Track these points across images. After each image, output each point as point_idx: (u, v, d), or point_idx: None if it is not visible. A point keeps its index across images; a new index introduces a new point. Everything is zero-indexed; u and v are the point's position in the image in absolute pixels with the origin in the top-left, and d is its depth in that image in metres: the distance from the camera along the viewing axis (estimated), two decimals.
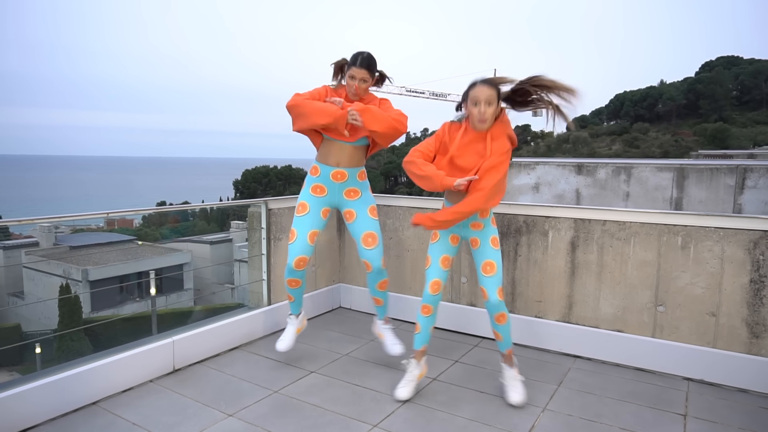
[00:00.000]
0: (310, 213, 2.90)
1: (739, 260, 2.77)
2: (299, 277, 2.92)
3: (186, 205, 22.60)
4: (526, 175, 8.19)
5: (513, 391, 2.61)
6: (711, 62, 69.51)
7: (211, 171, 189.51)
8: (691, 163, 7.82)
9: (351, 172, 2.90)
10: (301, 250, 2.86)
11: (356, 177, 2.92)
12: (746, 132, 50.07)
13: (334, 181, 2.89)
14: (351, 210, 2.93)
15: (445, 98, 61.66)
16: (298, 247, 2.86)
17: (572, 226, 3.19)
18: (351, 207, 2.93)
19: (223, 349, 3.24)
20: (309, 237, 2.88)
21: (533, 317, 3.33)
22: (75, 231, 28.16)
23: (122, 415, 2.47)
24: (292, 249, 2.87)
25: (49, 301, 18.79)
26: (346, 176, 2.89)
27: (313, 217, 2.90)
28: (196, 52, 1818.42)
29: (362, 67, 2.74)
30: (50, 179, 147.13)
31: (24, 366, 15.70)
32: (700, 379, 2.88)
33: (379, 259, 2.90)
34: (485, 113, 2.40)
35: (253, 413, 2.50)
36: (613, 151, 51.71)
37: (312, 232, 2.89)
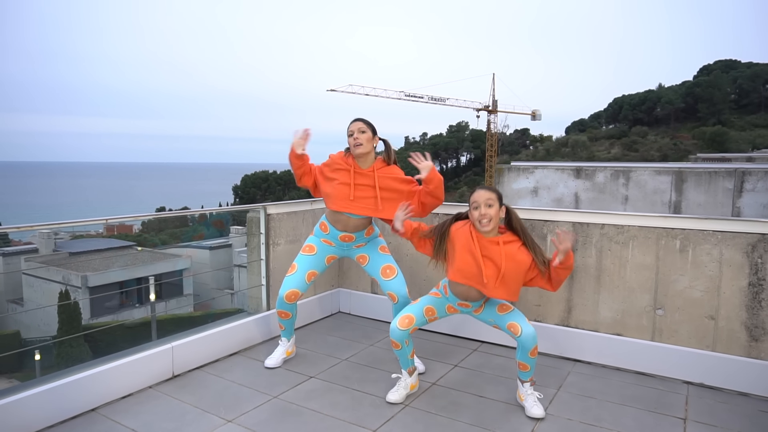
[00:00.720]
0: (316, 255, 3.01)
1: (737, 263, 2.77)
2: (289, 309, 3.03)
3: (185, 210, 22.58)
4: (524, 179, 8.20)
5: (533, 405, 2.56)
6: (709, 66, 69.67)
7: (211, 176, 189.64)
8: (690, 166, 7.83)
9: (358, 235, 2.99)
10: (296, 285, 2.96)
11: (363, 235, 3.02)
12: (745, 135, 50.14)
13: (342, 242, 3.00)
14: (363, 255, 3.04)
15: (444, 102, 61.80)
16: (294, 280, 2.97)
17: (571, 230, 3.19)
18: (362, 252, 3.04)
19: (222, 354, 3.23)
20: (307, 276, 2.99)
21: (532, 321, 3.33)
22: (74, 237, 28.15)
23: (121, 422, 2.46)
24: (287, 281, 2.98)
25: (49, 307, 18.75)
26: (354, 238, 2.99)
27: (317, 260, 3.02)
28: (195, 58, 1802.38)
29: (356, 120, 2.85)
30: (50, 186, 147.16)
31: (23, 373, 15.66)
32: (700, 383, 2.87)
33: (403, 287, 2.95)
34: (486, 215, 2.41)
35: (253, 419, 2.50)
36: (611, 155, 51.76)
37: (311, 272, 3.00)
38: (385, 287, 2.97)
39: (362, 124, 2.84)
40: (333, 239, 3.00)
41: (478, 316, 2.64)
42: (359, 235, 2.99)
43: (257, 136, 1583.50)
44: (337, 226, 2.94)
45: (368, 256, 3.02)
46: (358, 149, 2.80)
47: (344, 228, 2.94)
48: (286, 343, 3.17)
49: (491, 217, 2.41)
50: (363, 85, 60.43)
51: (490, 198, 2.43)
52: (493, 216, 2.42)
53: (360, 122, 2.85)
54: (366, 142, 2.81)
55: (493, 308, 2.58)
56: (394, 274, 2.96)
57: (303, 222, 3.79)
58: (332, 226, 2.96)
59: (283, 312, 3.04)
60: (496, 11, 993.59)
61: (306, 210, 3.82)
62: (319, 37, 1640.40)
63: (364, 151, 2.81)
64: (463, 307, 2.62)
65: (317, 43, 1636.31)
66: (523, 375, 2.60)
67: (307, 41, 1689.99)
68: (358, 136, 2.81)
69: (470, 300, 2.57)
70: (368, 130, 2.84)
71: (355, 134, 2.82)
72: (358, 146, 2.80)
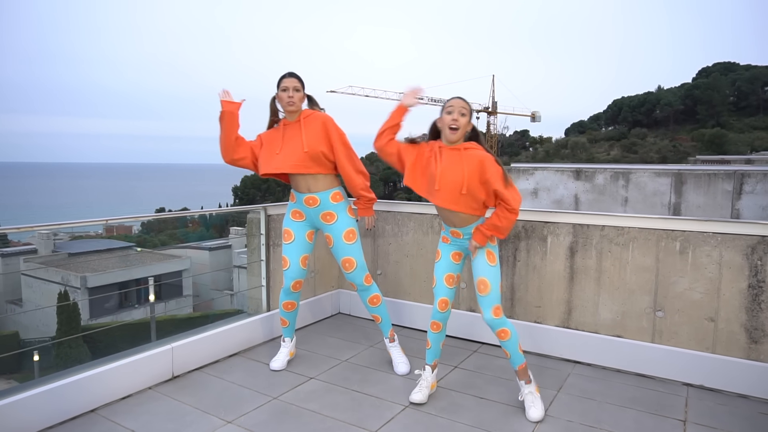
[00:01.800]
0: (296, 240, 2.99)
1: (737, 265, 2.77)
2: (295, 299, 3.06)
3: (185, 211, 22.59)
4: (524, 181, 8.21)
5: (531, 407, 2.54)
6: (708, 68, 69.79)
7: (210, 177, 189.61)
8: (689, 168, 7.84)
9: (323, 196, 2.92)
10: (296, 275, 3.00)
11: (329, 199, 2.94)
12: (744, 137, 50.22)
13: (308, 206, 2.94)
14: (329, 235, 3.00)
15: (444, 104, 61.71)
16: (292, 273, 2.99)
17: (571, 232, 3.20)
18: (328, 232, 2.99)
19: (222, 355, 3.23)
20: (301, 262, 3.00)
21: (532, 323, 3.33)
22: (74, 238, 28.14)
23: (121, 423, 2.46)
24: (286, 275, 3.01)
25: (48, 308, 18.72)
26: (318, 201, 2.93)
27: (299, 243, 3.00)
28: (194, 59, 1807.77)
29: (291, 76, 2.83)
30: (50, 186, 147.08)
31: (22, 374, 15.64)
32: (700, 385, 2.87)
33: (360, 277, 3.00)
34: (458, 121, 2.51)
35: (253, 420, 2.50)
36: (611, 157, 51.83)
37: (303, 257, 3.01)
38: (345, 276, 3.03)
39: (297, 81, 2.83)
40: (300, 206, 2.96)
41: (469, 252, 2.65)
42: (324, 197, 2.92)
43: None
44: (300, 188, 2.92)
45: (333, 239, 2.96)
46: (291, 107, 2.83)
47: (307, 188, 2.90)
48: (289, 343, 3.17)
49: (461, 125, 2.49)
50: (363, 87, 60.50)
51: (464, 107, 2.51)
52: (462, 125, 2.50)
53: (295, 79, 2.83)
54: (298, 101, 2.84)
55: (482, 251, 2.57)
56: (353, 267, 2.97)
57: None
58: (295, 191, 2.96)
59: (290, 302, 3.06)
60: (495, 13, 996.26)
61: None
62: (318, 39, 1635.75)
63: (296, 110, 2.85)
64: (456, 237, 2.63)
65: (316, 44, 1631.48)
66: (511, 362, 2.61)
67: (306, 43, 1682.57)
68: (293, 95, 2.81)
69: (456, 226, 2.59)
70: (302, 89, 2.85)
71: (290, 92, 2.81)
72: (291, 105, 2.82)
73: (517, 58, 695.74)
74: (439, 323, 2.70)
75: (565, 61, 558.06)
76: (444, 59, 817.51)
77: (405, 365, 3.05)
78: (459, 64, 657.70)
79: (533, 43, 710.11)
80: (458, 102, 2.51)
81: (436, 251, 2.74)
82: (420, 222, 3.74)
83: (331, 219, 2.94)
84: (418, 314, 3.75)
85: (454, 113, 2.48)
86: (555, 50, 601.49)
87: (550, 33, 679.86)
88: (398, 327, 3.77)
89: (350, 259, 2.96)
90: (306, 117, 2.87)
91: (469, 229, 2.57)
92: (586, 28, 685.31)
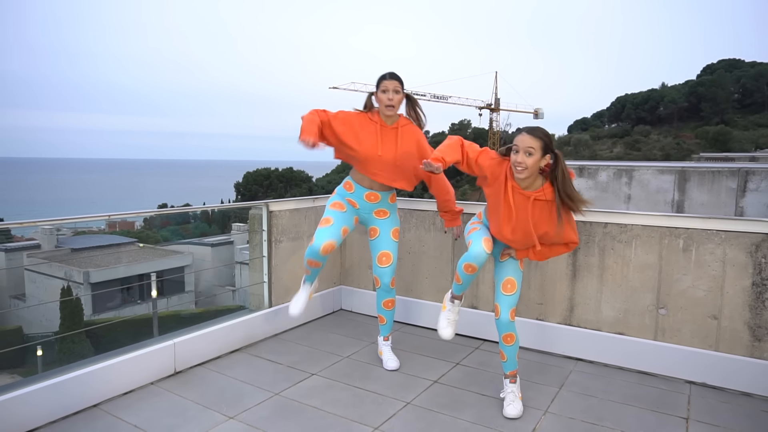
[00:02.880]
0: (346, 213, 2.94)
1: (741, 263, 2.76)
2: (322, 260, 2.88)
3: (187, 207, 22.63)
4: None
5: (510, 404, 2.54)
6: (712, 65, 69.42)
7: (213, 173, 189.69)
8: (693, 165, 7.81)
9: (384, 195, 2.97)
10: (333, 236, 2.80)
11: (388, 199, 3.00)
12: (748, 135, 49.97)
13: (367, 201, 2.96)
14: (376, 228, 3.01)
15: (446, 100, 61.69)
16: (331, 232, 2.81)
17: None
18: (377, 225, 3.01)
19: (224, 351, 3.23)
20: (342, 230, 2.89)
21: (535, 320, 3.33)
22: (76, 233, 28.20)
23: (123, 418, 2.46)
24: (324, 232, 2.80)
25: (51, 303, 18.79)
26: (379, 198, 2.96)
27: (348, 217, 2.95)
28: (198, 55, 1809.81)
29: (393, 78, 2.78)
30: (52, 182, 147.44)
31: (25, 368, 15.71)
32: (702, 383, 2.87)
33: (389, 276, 3.00)
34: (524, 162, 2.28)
35: (254, 416, 2.50)
36: (614, 154, 51.65)
37: (345, 228, 2.91)
38: (375, 271, 3.03)
39: (397, 83, 2.78)
40: (358, 199, 2.95)
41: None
42: (384, 197, 2.97)
43: (260, 133, 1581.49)
44: (364, 184, 2.92)
45: (380, 231, 2.99)
46: (390, 111, 2.79)
47: (371, 185, 2.92)
48: (309, 286, 3.07)
49: (527, 166, 2.25)
50: (365, 83, 60.42)
51: (531, 147, 2.24)
52: (529, 165, 2.25)
53: (396, 81, 2.78)
54: (398, 104, 2.80)
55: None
56: (389, 262, 2.99)
57: (305, 219, 3.78)
58: (358, 184, 2.94)
59: (315, 261, 2.87)
60: (496, 8, 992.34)
61: (308, 207, 3.82)
62: (323, 35, 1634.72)
63: (394, 114, 2.82)
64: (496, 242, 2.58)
65: (321, 40, 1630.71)
66: (504, 365, 2.60)
67: (310, 39, 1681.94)
68: (393, 97, 2.77)
69: None
70: (401, 91, 2.81)
71: (390, 93, 2.76)
72: (390, 108, 2.78)
73: (520, 54, 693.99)
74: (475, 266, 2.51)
75: (569, 58, 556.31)
76: (445, 56, 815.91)
77: (395, 362, 3.07)
78: (460, 60, 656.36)
79: (536, 39, 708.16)
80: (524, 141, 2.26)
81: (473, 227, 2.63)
82: (422, 219, 3.73)
83: (384, 215, 3.01)
84: (420, 311, 3.75)
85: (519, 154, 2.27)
86: (558, 47, 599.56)
87: (554, 30, 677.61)
88: (400, 324, 3.77)
89: (389, 253, 2.99)
90: (403, 127, 2.85)
91: None
92: (589, 24, 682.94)
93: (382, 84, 2.78)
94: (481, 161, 2.44)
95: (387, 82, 2.77)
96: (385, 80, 2.77)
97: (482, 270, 3.48)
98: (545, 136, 2.28)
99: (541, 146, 2.26)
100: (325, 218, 2.88)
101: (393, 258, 3.00)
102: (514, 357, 2.59)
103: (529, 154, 2.25)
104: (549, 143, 2.28)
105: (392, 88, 2.76)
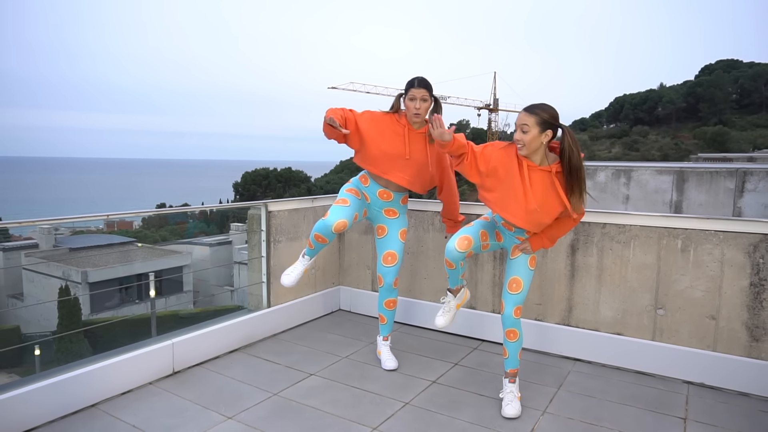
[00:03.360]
0: (361, 200, 2.95)
1: (738, 263, 2.77)
2: (330, 238, 2.82)
3: (185, 207, 22.59)
4: None
5: (508, 404, 2.55)
6: (710, 65, 69.48)
7: (212, 173, 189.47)
8: (691, 166, 7.83)
9: (397, 195, 2.98)
10: (347, 216, 2.79)
11: (400, 200, 3.01)
12: (746, 135, 50.03)
13: (379, 198, 2.97)
14: (384, 226, 3.02)
15: (445, 101, 61.69)
16: (346, 211, 2.80)
17: (572, 229, 3.19)
18: (385, 224, 3.02)
19: (222, 351, 3.23)
20: (355, 215, 2.88)
21: (533, 320, 3.33)
22: (75, 233, 28.15)
23: (121, 418, 2.46)
24: (338, 210, 2.79)
25: (49, 303, 18.76)
26: (392, 197, 2.97)
27: (361, 205, 2.95)
28: (198, 55, 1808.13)
29: (421, 87, 2.76)
30: (51, 181, 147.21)
31: (23, 368, 15.68)
32: (700, 383, 2.87)
33: (392, 276, 3.01)
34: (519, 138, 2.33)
35: (253, 416, 2.50)
36: (612, 154, 51.69)
37: (357, 214, 2.91)
38: (379, 269, 3.03)
39: (426, 92, 2.76)
40: (371, 194, 2.96)
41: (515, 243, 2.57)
42: (397, 197, 2.97)
43: (259, 133, 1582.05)
44: (379, 182, 2.93)
45: (387, 230, 3.00)
46: (416, 119, 2.79)
47: (386, 184, 2.92)
48: (308, 261, 2.99)
49: (525, 143, 2.29)
50: (364, 83, 60.40)
51: (525, 123, 2.29)
52: (526, 142, 2.29)
53: (424, 89, 2.75)
54: (425, 112, 2.79)
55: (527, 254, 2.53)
56: (394, 262, 3.00)
57: (304, 219, 3.78)
58: (374, 181, 2.95)
59: (323, 237, 2.81)
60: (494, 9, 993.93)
61: (307, 207, 3.82)
62: (324, 35, 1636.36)
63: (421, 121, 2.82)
64: (507, 229, 2.56)
65: (321, 40, 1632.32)
66: (506, 362, 2.60)
67: (311, 38, 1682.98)
68: (420, 106, 2.75)
69: None
70: (429, 99, 2.79)
71: (417, 102, 2.75)
72: (417, 117, 2.78)
73: (515, 54, 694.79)
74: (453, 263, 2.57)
75: (567, 58, 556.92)
76: (442, 56, 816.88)
77: (393, 362, 3.07)
78: (458, 60, 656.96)
79: (531, 39, 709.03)
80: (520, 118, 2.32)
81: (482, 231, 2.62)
82: (421, 219, 3.74)
83: (392, 215, 3.02)
84: (419, 311, 3.75)
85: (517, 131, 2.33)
86: (556, 47, 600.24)
87: (549, 29, 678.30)
88: (399, 324, 3.77)
89: (395, 253, 2.99)
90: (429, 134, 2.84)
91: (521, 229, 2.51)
92: (587, 24, 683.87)
93: (410, 92, 2.76)
94: (488, 152, 2.44)
95: (415, 90, 2.75)
96: (413, 88, 2.76)
97: (480, 271, 3.49)
98: (543, 111, 2.30)
99: (537, 122, 2.27)
100: (342, 199, 2.88)
101: (398, 258, 3.01)
102: (515, 355, 2.59)
103: (524, 131, 2.29)
104: (548, 118, 2.29)
105: (420, 96, 2.75)
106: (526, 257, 2.55)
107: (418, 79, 2.78)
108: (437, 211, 3.58)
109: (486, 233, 2.60)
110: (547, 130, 2.29)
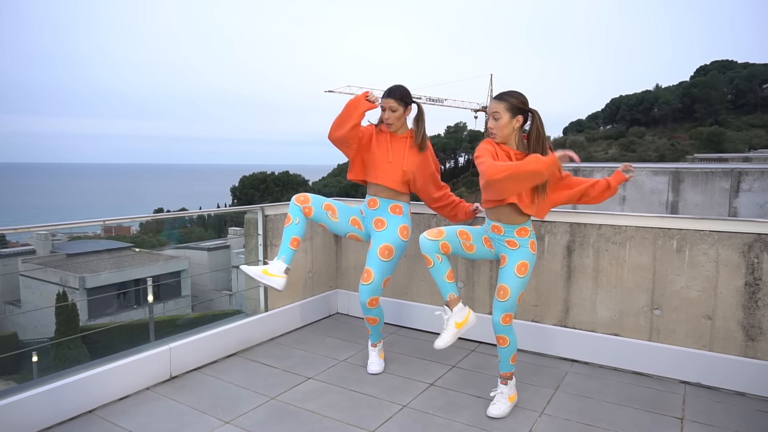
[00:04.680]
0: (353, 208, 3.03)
1: (734, 263, 2.78)
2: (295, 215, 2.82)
3: (183, 211, 22.57)
4: None
5: (494, 404, 2.55)
6: (706, 66, 69.78)
7: (209, 177, 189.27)
8: (687, 166, 7.86)
9: (383, 202, 2.96)
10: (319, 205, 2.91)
11: (388, 208, 2.96)
12: (741, 135, 50.23)
13: (369, 207, 2.99)
14: (372, 241, 2.97)
15: (442, 103, 61.81)
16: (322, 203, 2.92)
17: (568, 231, 3.20)
18: (372, 236, 2.98)
19: (220, 355, 3.23)
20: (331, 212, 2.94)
21: (530, 321, 3.34)
22: (72, 239, 28.08)
23: (119, 423, 2.46)
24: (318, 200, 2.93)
25: (46, 309, 18.69)
26: (378, 204, 2.96)
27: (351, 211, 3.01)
28: (195, 60, 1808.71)
29: (389, 97, 2.84)
30: (50, 187, 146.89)
31: (20, 374, 15.60)
32: (697, 383, 2.88)
33: (365, 295, 2.85)
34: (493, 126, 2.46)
35: (251, 420, 2.50)
36: (609, 155, 51.84)
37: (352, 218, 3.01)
38: (370, 261, 2.86)
39: (394, 102, 2.83)
40: (364, 206, 3.02)
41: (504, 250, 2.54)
42: (384, 204, 2.95)
43: (256, 137, 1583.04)
44: (369, 191, 2.99)
45: (371, 246, 2.92)
46: (389, 128, 2.90)
47: (375, 192, 2.96)
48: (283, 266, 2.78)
49: (497, 129, 2.41)
50: (360, 87, 60.43)
51: (495, 111, 2.41)
52: (499, 128, 2.40)
53: (392, 99, 2.83)
54: (395, 120, 2.86)
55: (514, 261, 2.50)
56: (369, 280, 2.83)
57: None
58: (367, 193, 3.02)
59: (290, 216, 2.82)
60: (491, 11, 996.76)
61: None
62: (318, 39, 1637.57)
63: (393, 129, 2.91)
64: (497, 232, 2.53)
65: (316, 44, 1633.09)
66: (500, 365, 2.60)
67: (306, 42, 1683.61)
68: (389, 116, 2.85)
69: (502, 222, 2.50)
70: (399, 108, 2.85)
71: (386, 113, 2.85)
72: (389, 126, 2.88)
73: (513, 56, 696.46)
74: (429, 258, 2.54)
75: (563, 59, 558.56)
76: (440, 58, 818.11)
77: (379, 366, 3.06)
78: (455, 63, 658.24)
79: (527, 42, 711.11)
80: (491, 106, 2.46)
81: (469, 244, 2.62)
82: (417, 222, 3.74)
83: (381, 226, 2.93)
84: (415, 314, 3.75)
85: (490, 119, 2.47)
86: (552, 49, 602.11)
87: (547, 32, 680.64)
88: (396, 327, 3.77)
89: (370, 271, 2.83)
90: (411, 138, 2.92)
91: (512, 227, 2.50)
92: (583, 26, 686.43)
93: (382, 102, 2.85)
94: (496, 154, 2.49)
95: (384, 100, 2.85)
96: (382, 98, 2.85)
97: (477, 273, 3.50)
98: (512, 98, 2.41)
99: (507, 107, 2.38)
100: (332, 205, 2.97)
101: (374, 276, 2.81)
102: (506, 359, 2.58)
103: (495, 118, 2.40)
104: (518, 104, 2.40)
105: (388, 107, 2.84)
106: (513, 266, 2.51)
107: (388, 89, 2.87)
108: (433, 214, 3.59)
109: (467, 233, 2.60)
110: (517, 115, 2.39)
